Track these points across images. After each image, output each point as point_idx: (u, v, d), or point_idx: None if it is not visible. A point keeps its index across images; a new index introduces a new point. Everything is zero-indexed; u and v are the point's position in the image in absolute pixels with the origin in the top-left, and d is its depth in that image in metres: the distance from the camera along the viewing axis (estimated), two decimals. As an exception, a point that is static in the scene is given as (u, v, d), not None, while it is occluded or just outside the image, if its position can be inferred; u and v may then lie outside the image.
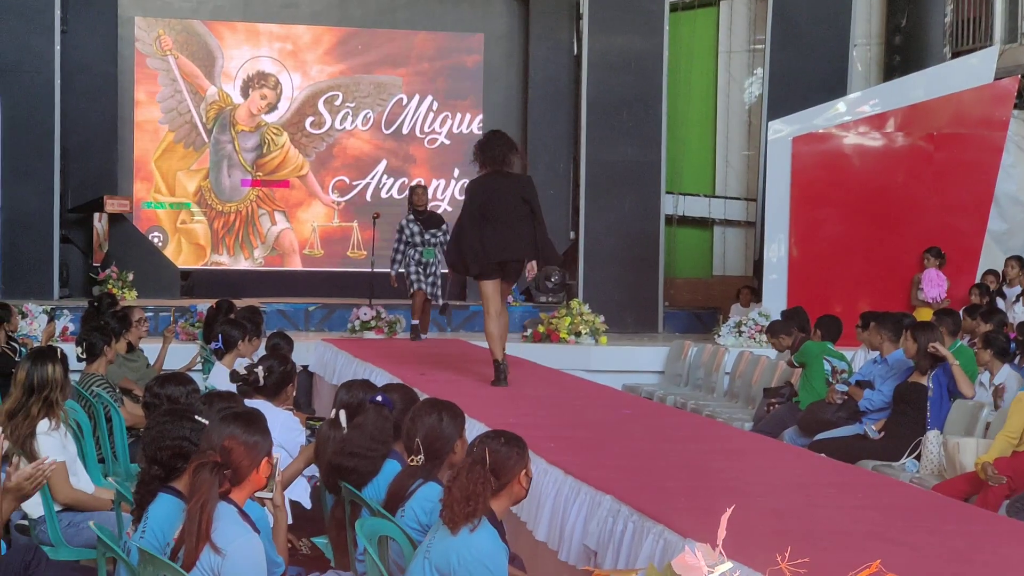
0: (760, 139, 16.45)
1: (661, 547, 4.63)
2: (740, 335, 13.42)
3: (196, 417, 4.61)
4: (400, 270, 12.93)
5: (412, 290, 12.91)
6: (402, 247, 12.92)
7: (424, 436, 5.00)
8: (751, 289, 15.89)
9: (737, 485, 5.81)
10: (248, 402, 6.65)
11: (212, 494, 4.12)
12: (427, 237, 12.85)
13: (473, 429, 7.29)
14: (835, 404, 9.17)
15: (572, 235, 17.52)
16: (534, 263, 9.06)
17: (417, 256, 12.82)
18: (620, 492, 5.24)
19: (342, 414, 5.49)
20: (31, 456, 5.95)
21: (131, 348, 9.59)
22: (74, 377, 7.14)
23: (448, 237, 10.70)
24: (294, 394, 7.04)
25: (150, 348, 10.83)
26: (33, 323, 12.38)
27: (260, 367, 6.78)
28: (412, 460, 5.00)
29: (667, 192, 16.53)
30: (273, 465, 4.39)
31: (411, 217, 13.02)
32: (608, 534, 5.09)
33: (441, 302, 13.24)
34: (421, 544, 4.47)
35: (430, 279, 12.92)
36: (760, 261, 15.15)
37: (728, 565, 2.92)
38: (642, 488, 5.43)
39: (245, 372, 6.77)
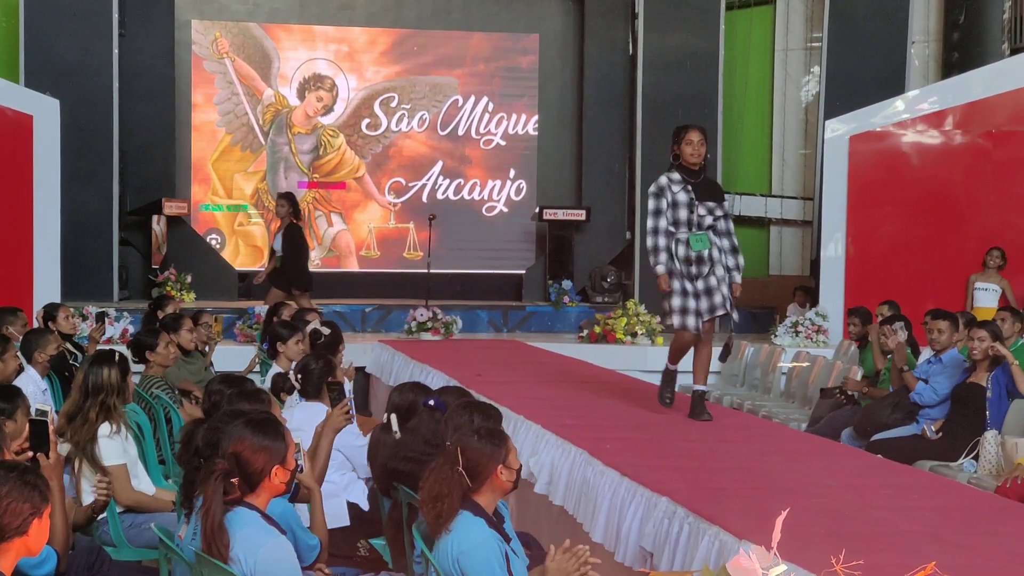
0: (817, 138, 16.36)
1: (717, 549, 4.62)
2: (797, 335, 13.34)
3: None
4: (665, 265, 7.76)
5: (674, 320, 7.79)
6: (665, 223, 7.78)
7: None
8: (804, 290, 15.79)
9: (793, 486, 5.79)
10: (291, 406, 6.69)
11: (216, 502, 4.14)
12: (701, 214, 7.80)
13: (529, 432, 7.31)
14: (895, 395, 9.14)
15: (628, 235, 17.49)
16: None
17: (684, 250, 7.73)
18: (676, 494, 5.24)
19: (393, 418, 5.51)
20: (93, 461, 6.03)
21: (187, 351, 9.65)
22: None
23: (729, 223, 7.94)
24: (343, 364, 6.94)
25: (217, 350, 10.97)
26: (93, 325, 12.52)
27: (292, 372, 6.82)
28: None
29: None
30: (291, 469, 4.36)
31: (675, 175, 7.86)
32: (664, 536, 5.09)
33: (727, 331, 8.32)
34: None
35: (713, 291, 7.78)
36: (817, 260, 15.06)
37: (783, 567, 2.91)
38: (698, 490, 5.42)
39: (279, 379, 6.83)
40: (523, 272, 17.83)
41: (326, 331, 8.87)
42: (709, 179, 8.04)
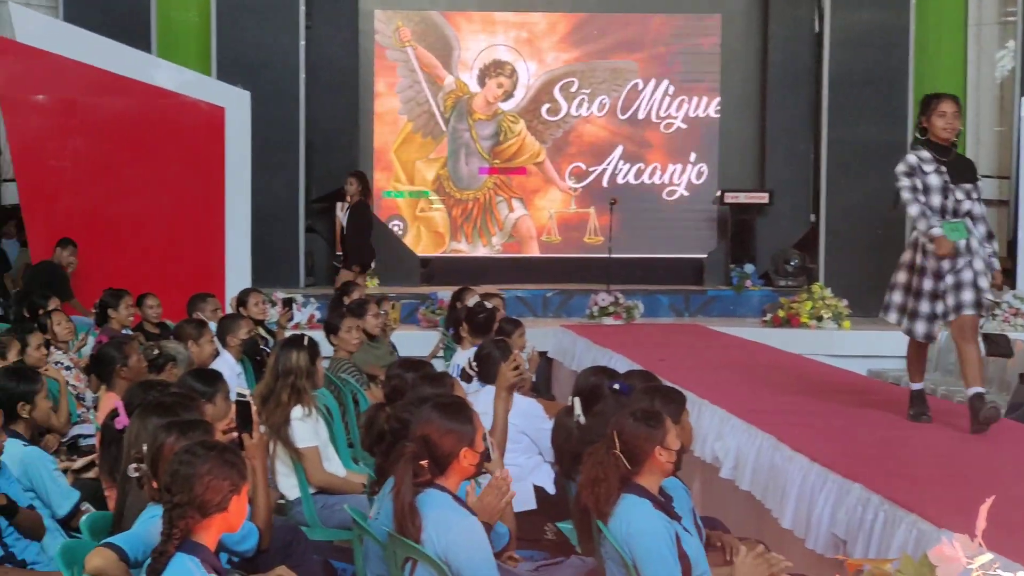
0: (1013, 115, 15.79)
1: (915, 537, 4.49)
2: (994, 318, 12.90)
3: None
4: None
5: (890, 317, 7.38)
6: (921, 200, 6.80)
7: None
8: (1002, 271, 15.27)
9: (992, 474, 5.59)
10: (473, 392, 6.71)
11: (406, 484, 4.19)
12: (958, 198, 6.81)
13: (714, 417, 7.22)
14: None
15: (812, 217, 17.14)
16: None
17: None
18: (870, 480, 5.10)
19: (577, 401, 5.49)
20: (286, 442, 6.16)
21: (372, 336, 9.79)
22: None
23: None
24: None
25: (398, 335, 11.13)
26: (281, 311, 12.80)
27: (468, 361, 6.87)
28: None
29: (913, 172, 15.99)
30: (481, 452, 4.37)
31: (924, 154, 6.85)
32: (858, 523, 4.97)
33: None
34: None
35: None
36: (1015, 241, 14.55)
37: (988, 556, 2.79)
38: (892, 476, 5.28)
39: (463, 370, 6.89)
40: (704, 256, 17.63)
41: (489, 305, 9.01)
42: (962, 156, 7.07)
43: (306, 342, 6.55)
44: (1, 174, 16.53)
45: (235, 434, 4.73)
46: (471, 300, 10.31)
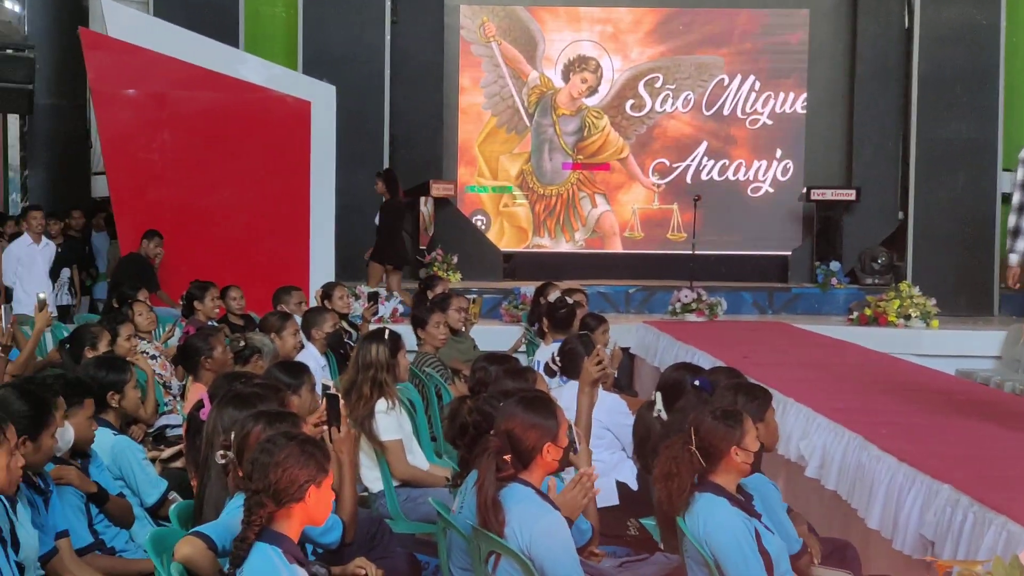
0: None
1: (1004, 539, 4.42)
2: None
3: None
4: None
5: None
6: None
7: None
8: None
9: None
10: (556, 387, 6.70)
11: (490, 478, 4.20)
12: None
13: (799, 415, 7.15)
14: None
15: (900, 215, 16.93)
16: None
17: None
18: (959, 481, 5.02)
19: (658, 397, 5.46)
20: (371, 435, 6.19)
21: (455, 331, 9.80)
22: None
23: None
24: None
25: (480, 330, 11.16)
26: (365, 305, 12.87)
27: (552, 356, 6.85)
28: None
29: (1004, 170, 15.75)
30: (564, 447, 4.36)
31: None
32: (946, 524, 4.89)
33: None
34: None
35: None
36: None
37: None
38: (982, 478, 5.19)
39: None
40: (789, 253, 17.48)
41: (570, 300, 9.04)
42: None
43: (387, 336, 6.57)
44: (92, 167, 16.83)
45: (325, 428, 4.76)
46: (553, 296, 10.30)
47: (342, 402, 4.85)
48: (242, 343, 7.25)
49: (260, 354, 7.17)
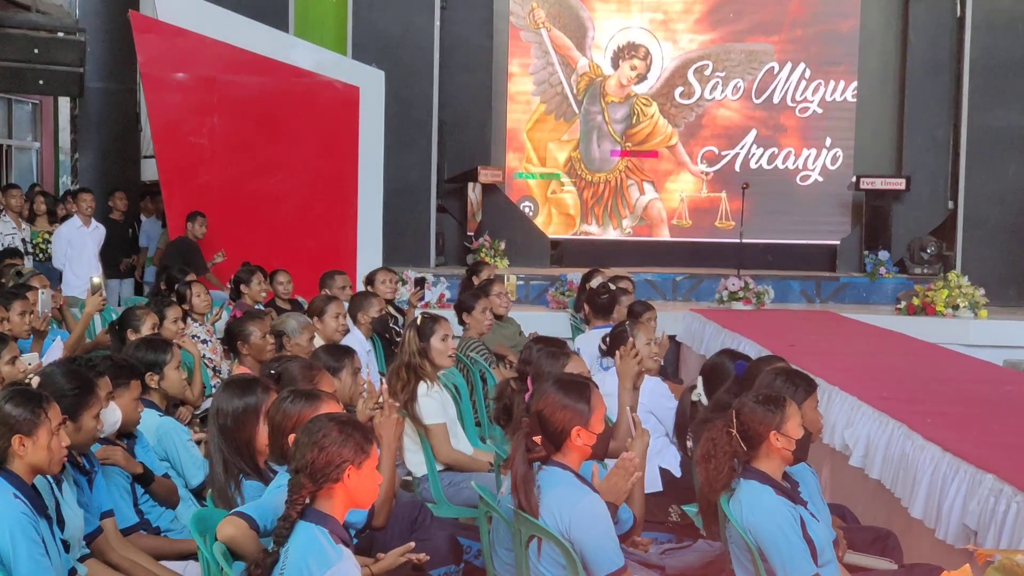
0: None
1: (1048, 530, 4.39)
2: None
3: None
4: None
5: None
6: None
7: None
8: None
9: None
10: (600, 371, 6.70)
11: (519, 458, 4.21)
12: None
13: (845, 404, 7.11)
14: None
15: (950, 204, 16.79)
16: None
17: None
18: (1003, 471, 4.98)
19: (699, 382, 5.44)
20: (414, 418, 6.21)
21: (499, 316, 9.81)
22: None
23: None
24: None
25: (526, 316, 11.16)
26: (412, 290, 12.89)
27: (603, 337, 6.86)
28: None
29: (1055, 159, 15.62)
30: (597, 433, 4.31)
31: None
32: (990, 514, 4.85)
33: None
34: None
35: None
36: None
37: None
38: (1027, 468, 5.15)
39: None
40: (837, 242, 17.38)
41: (613, 287, 9.05)
42: None
43: (418, 321, 6.59)
44: (142, 151, 16.94)
45: (378, 412, 4.79)
46: (596, 282, 10.29)
47: (383, 387, 4.89)
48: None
49: (286, 335, 7.10)
